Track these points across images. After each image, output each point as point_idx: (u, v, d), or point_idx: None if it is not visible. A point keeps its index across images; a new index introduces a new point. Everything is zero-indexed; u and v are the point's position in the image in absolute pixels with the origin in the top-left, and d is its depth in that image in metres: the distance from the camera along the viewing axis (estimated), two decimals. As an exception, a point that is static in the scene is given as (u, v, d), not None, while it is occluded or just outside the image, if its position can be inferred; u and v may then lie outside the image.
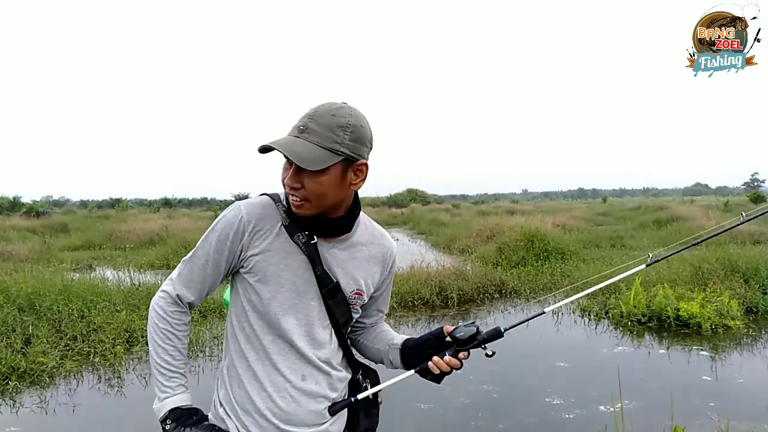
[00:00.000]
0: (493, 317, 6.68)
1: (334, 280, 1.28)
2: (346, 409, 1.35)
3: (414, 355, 1.35)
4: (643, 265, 1.51)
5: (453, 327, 1.31)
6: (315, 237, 1.26)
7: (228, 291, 1.43)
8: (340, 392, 1.33)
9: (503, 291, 7.96)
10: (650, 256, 1.52)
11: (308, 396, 1.26)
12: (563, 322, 6.38)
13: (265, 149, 1.15)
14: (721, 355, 5.00)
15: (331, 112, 1.17)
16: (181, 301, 1.27)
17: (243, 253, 1.24)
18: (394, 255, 1.41)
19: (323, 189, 1.18)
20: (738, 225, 1.55)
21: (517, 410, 3.87)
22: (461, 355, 1.29)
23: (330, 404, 1.30)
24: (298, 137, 1.16)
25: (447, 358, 1.28)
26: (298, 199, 1.19)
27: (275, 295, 1.24)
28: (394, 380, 1.35)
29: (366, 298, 1.36)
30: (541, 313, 1.41)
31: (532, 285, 8.33)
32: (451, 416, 3.78)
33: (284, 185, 1.21)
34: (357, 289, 1.32)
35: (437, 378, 1.31)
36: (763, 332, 5.71)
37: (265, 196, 1.29)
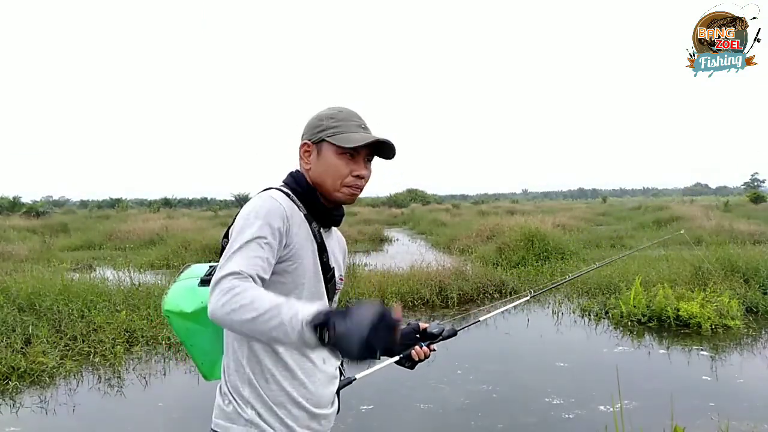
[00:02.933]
0: (493, 317, 6.68)
1: (332, 267, 1.38)
2: None
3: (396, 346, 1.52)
4: (528, 297, 2.16)
5: (426, 324, 1.56)
6: (321, 226, 1.36)
7: (172, 300, 1.37)
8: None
9: (503, 291, 7.96)
10: (532, 291, 2.14)
11: (328, 378, 1.36)
12: (563, 322, 6.38)
13: (379, 143, 1.30)
14: (721, 355, 4.99)
15: None
16: (253, 280, 1.10)
17: (286, 240, 1.23)
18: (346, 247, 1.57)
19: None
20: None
21: (517, 410, 3.87)
22: (432, 346, 1.54)
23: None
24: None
25: (425, 348, 1.51)
26: (359, 189, 1.35)
27: (306, 282, 1.29)
28: (382, 365, 1.54)
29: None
30: (455, 332, 1.65)
31: (532, 285, 8.32)
32: (451, 416, 3.78)
33: (340, 180, 1.31)
34: (341, 275, 1.44)
35: (414, 365, 1.51)
36: (763, 332, 5.71)
37: (276, 190, 1.29)
